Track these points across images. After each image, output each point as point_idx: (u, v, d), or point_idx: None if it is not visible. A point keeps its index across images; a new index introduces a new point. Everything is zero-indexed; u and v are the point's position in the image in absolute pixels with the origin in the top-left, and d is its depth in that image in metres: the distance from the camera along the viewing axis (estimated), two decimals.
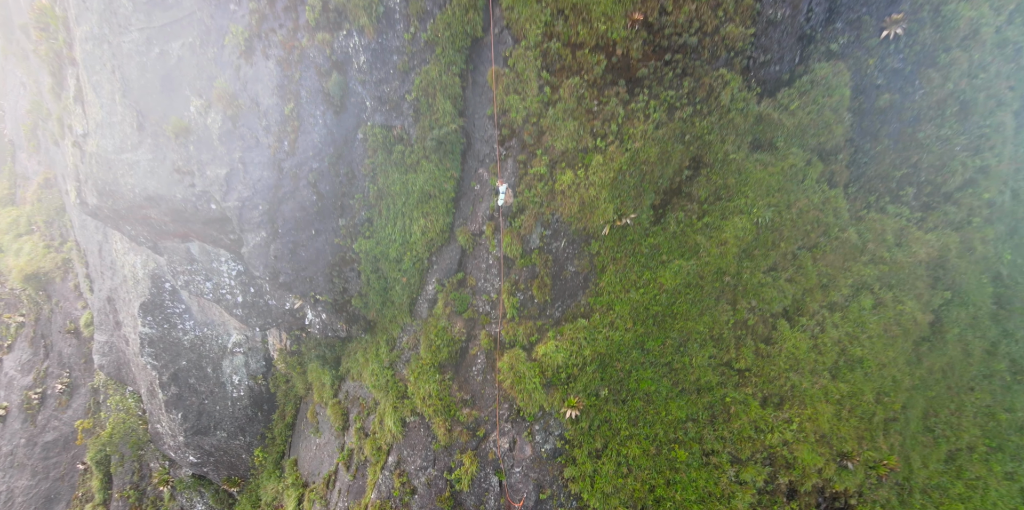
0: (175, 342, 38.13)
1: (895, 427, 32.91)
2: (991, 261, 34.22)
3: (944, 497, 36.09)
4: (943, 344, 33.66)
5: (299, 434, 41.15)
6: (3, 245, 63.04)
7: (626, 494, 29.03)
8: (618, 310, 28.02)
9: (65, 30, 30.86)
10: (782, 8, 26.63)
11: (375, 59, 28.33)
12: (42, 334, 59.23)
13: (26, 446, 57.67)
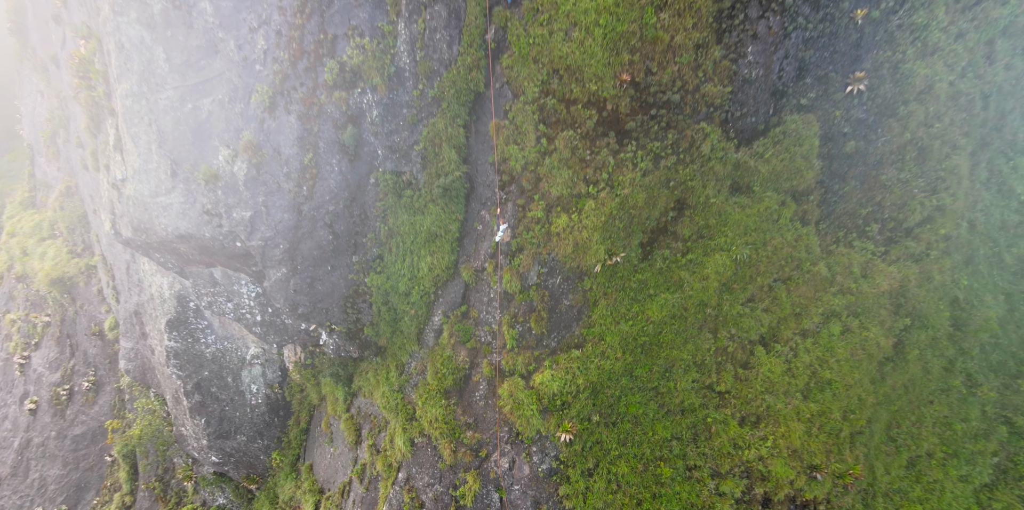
0: (198, 354, 39.56)
1: (860, 439, 34.83)
2: (948, 287, 36.13)
3: (904, 500, 38.10)
4: (905, 363, 35.58)
5: (313, 440, 42.52)
6: (28, 248, 63.81)
7: (615, 508, 30.86)
8: (609, 340, 29.70)
9: (104, 83, 32.17)
10: (756, 68, 28.37)
11: (386, 113, 29.93)
12: (67, 334, 60.06)
13: (56, 438, 58.73)
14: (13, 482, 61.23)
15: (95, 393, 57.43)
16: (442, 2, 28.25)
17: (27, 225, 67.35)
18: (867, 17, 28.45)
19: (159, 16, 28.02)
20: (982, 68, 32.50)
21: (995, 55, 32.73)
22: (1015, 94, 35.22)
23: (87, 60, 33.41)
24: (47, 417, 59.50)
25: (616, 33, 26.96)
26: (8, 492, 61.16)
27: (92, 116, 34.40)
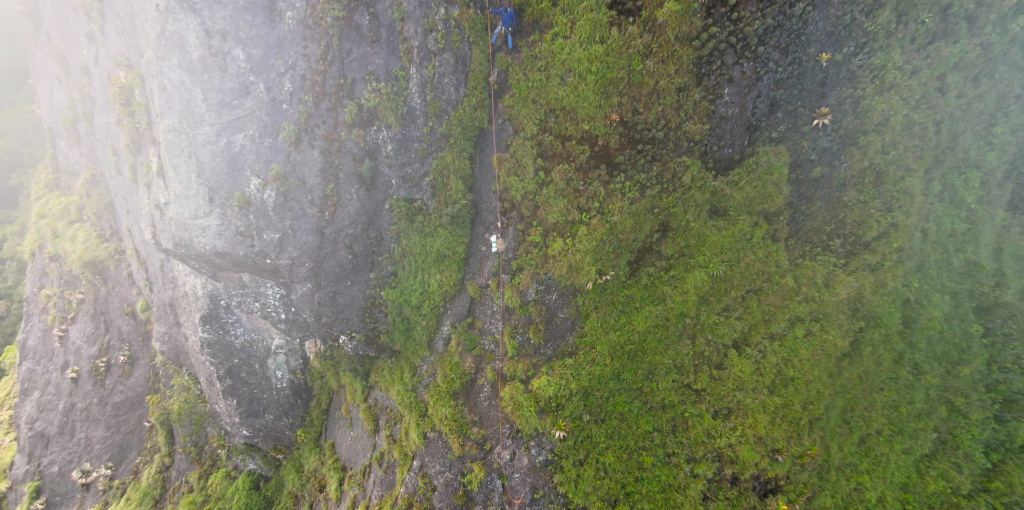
0: (228, 345, 41.60)
1: (818, 425, 37.59)
2: (900, 291, 38.59)
3: (853, 472, 41.19)
4: (859, 358, 38.20)
5: (333, 421, 44.76)
6: (58, 230, 64.83)
7: (603, 492, 33.55)
8: (599, 349, 31.94)
9: (146, 114, 33.50)
10: (732, 107, 30.22)
11: (400, 147, 31.67)
12: (101, 311, 61.55)
13: (98, 405, 60.71)
14: (61, 440, 63.62)
15: (130, 366, 59.27)
16: (450, 50, 29.87)
17: (55, 208, 68.18)
18: (831, 60, 30.16)
19: (197, 62, 29.47)
20: (935, 99, 34.41)
21: (946, 87, 34.60)
22: (967, 118, 37.20)
23: (127, 89, 34.67)
24: (88, 385, 61.45)
25: (606, 79, 28.65)
26: (57, 449, 63.61)
27: (133, 139, 35.76)
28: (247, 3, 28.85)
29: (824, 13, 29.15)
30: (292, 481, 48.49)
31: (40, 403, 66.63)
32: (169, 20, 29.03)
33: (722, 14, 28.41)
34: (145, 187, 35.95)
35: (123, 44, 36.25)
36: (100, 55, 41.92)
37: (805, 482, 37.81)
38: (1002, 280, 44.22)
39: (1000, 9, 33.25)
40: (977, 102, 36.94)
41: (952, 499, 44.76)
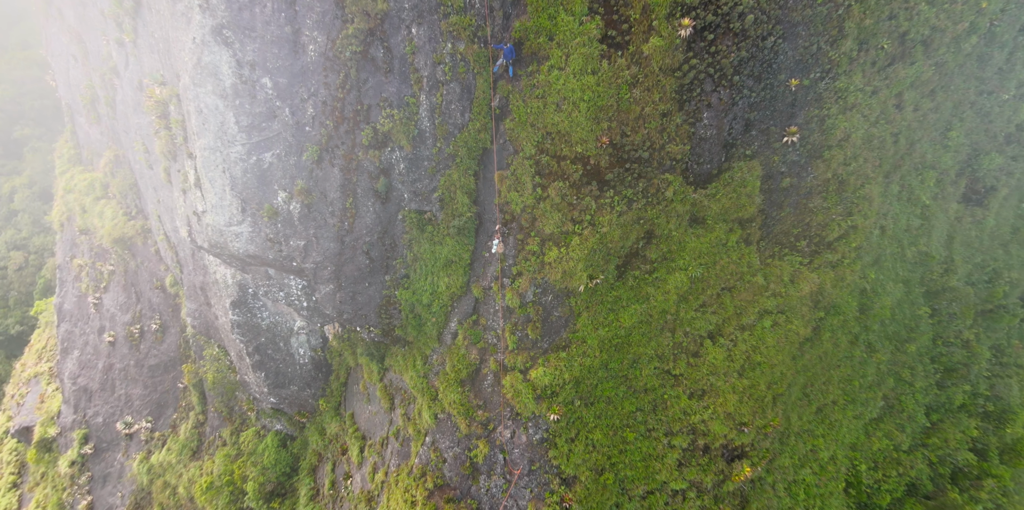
0: (256, 325, 43.52)
1: (780, 400, 40.41)
2: (858, 283, 41.17)
3: (810, 436, 44.45)
4: (819, 342, 40.90)
5: (351, 394, 47.17)
6: (86, 206, 65.71)
7: (591, 463, 36.50)
8: (589, 343, 34.45)
9: (182, 130, 34.93)
10: (710, 129, 32.17)
11: (411, 165, 33.57)
12: (131, 283, 63.04)
13: (135, 366, 62.99)
14: (103, 395, 66.06)
15: (162, 334, 61.17)
16: (456, 80, 31.56)
17: (81, 184, 68.84)
18: (799, 85, 31.84)
19: (230, 89, 31.05)
20: (892, 115, 36.27)
21: (903, 103, 36.44)
22: (923, 127, 39.07)
23: (163, 103, 35.95)
24: (124, 349, 63.53)
25: (597, 106, 30.44)
26: (100, 402, 66.19)
27: (169, 148, 36.99)
28: (274, 38, 30.39)
29: (793, 44, 30.88)
30: (315, 441, 51.64)
31: (80, 361, 68.56)
32: (204, 52, 30.60)
33: (701, 48, 30.15)
34: (181, 192, 37.69)
35: (157, 61, 37.48)
36: (130, 62, 42.88)
37: (767, 447, 41.04)
38: (951, 267, 46.92)
39: (954, 32, 34.94)
40: (933, 113, 38.86)
41: (894, 454, 48.56)
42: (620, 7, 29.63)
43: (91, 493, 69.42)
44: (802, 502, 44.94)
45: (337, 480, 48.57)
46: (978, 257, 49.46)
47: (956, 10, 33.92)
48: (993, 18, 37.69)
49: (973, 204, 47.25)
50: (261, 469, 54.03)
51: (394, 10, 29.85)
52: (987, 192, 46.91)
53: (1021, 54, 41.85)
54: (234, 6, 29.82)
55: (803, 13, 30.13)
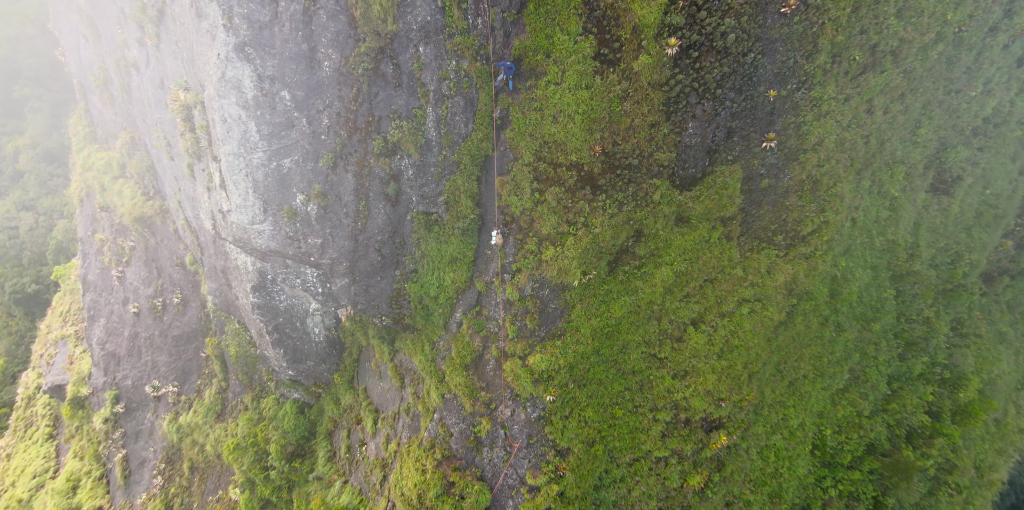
0: (274, 307, 44.81)
1: (756, 377, 42.44)
2: (829, 271, 43.05)
3: (781, 407, 46.78)
4: (792, 325, 42.97)
5: (364, 370, 49.04)
6: (105, 184, 66.11)
7: (583, 436, 38.86)
8: (583, 332, 36.46)
9: (207, 134, 36.01)
10: (695, 138, 33.66)
11: (419, 172, 35.11)
12: (152, 258, 63.82)
13: (160, 336, 64.45)
14: (130, 360, 67.72)
15: (184, 307, 62.47)
16: (460, 94, 32.90)
17: (98, 162, 69.03)
18: (777, 95, 32.99)
19: (251, 100, 32.29)
20: (863, 119, 37.64)
21: (874, 108, 37.77)
22: (893, 128, 40.42)
23: (187, 107, 36.89)
24: (149, 320, 64.83)
25: (591, 118, 31.83)
26: (128, 367, 67.91)
27: (193, 149, 38.06)
28: (292, 54, 31.63)
29: (771, 59, 32.16)
30: (331, 410, 54.03)
31: (107, 329, 69.92)
32: (228, 67, 31.87)
33: (687, 64, 31.45)
34: (206, 189, 39.13)
35: (180, 67, 38.42)
36: (151, 62, 43.56)
37: (743, 418, 43.46)
38: (915, 252, 48.83)
39: (921, 42, 36.09)
40: (902, 114, 40.23)
41: (856, 420, 51.28)
42: (612, 27, 30.80)
43: (125, 447, 72.13)
44: (772, 463, 47.77)
45: (352, 446, 51.15)
46: (942, 242, 51.42)
47: (923, 22, 35.06)
48: (961, 24, 38.89)
49: (940, 193, 49.00)
50: (282, 433, 56.56)
51: (403, 31, 31.05)
52: (953, 181, 48.63)
53: (989, 53, 43.01)
54: (255, 25, 30.99)
55: (780, 31, 31.36)
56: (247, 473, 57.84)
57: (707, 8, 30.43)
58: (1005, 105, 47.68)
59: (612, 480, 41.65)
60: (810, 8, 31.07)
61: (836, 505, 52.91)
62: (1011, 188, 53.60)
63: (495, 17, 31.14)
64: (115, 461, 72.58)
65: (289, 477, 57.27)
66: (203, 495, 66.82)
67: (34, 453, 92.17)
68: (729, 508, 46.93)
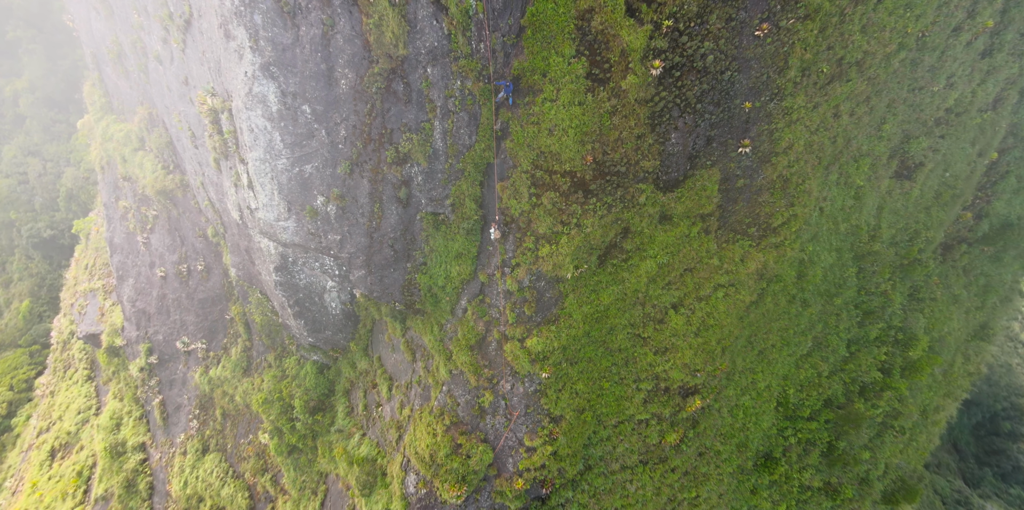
0: (295, 285, 46.66)
1: (728, 349, 45.78)
2: (797, 255, 45.60)
3: (751, 373, 49.77)
4: (762, 304, 45.70)
5: (378, 341, 51.70)
6: (125, 156, 66.62)
7: (574, 405, 42.10)
8: (575, 317, 39.13)
9: (235, 140, 37.46)
10: (677, 146, 35.75)
11: (427, 178, 37.15)
12: (175, 228, 64.90)
13: (187, 299, 66.44)
14: (160, 318, 70.11)
15: (207, 274, 64.12)
16: (465, 110, 34.73)
17: (118, 134, 69.18)
18: (752, 106, 34.98)
19: (276, 113, 34.00)
20: (830, 123, 39.40)
21: (840, 113, 39.49)
22: (859, 127, 42.22)
23: (215, 111, 38.07)
24: (175, 283, 66.57)
25: (583, 131, 33.80)
26: (158, 324, 70.40)
27: (221, 150, 39.36)
28: (312, 73, 33.34)
29: (746, 75, 33.99)
30: (348, 372, 57.04)
31: (136, 288, 71.84)
32: (255, 84, 33.58)
33: (670, 82, 33.31)
34: (233, 185, 40.90)
35: (207, 74, 39.50)
36: (176, 59, 44.15)
37: (715, 385, 46.73)
38: (876, 233, 51.33)
39: (884, 52, 37.93)
40: (867, 115, 42.09)
41: (816, 380, 54.91)
42: (602, 51, 32.55)
43: (161, 393, 75.39)
44: (740, 420, 51.56)
45: (369, 405, 54.57)
46: (902, 222, 53.87)
47: (885, 36, 36.69)
48: (924, 29, 40.54)
49: (903, 178, 51.19)
50: (304, 390, 59.86)
51: (412, 55, 32.76)
52: (916, 167, 50.79)
53: (952, 52, 44.46)
54: (279, 47, 32.62)
55: (755, 51, 33.15)
56: (275, 423, 61.34)
57: (688, 33, 32.16)
58: (967, 96, 49.40)
59: (599, 439, 45.34)
60: (781, 30, 32.76)
61: (795, 450, 57.30)
62: (969, 169, 55.80)
63: (496, 41, 32.75)
64: (153, 405, 75.91)
65: (312, 428, 60.88)
66: (235, 438, 70.25)
67: (76, 392, 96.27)
68: (701, 457, 50.98)
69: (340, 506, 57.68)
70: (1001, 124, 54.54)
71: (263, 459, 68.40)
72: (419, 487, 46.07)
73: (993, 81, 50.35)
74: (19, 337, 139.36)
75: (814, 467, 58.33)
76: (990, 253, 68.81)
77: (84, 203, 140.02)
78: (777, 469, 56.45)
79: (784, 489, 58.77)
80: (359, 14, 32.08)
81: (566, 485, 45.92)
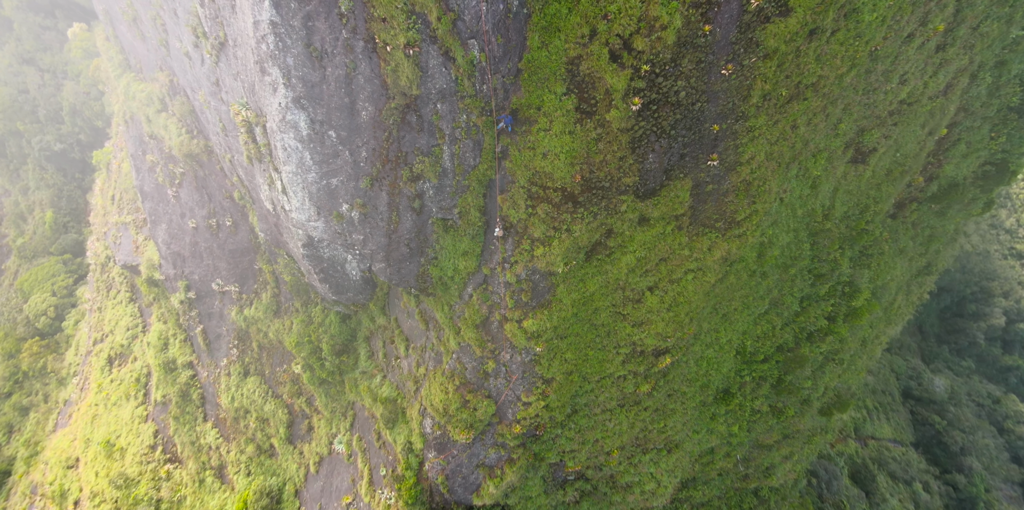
0: (320, 256, 49.55)
1: (695, 318, 51.37)
2: (759, 239, 50.06)
3: (715, 332, 55.70)
4: (726, 280, 50.32)
5: (393, 303, 55.94)
6: (150, 116, 67.88)
7: (564, 369, 47.71)
8: (565, 302, 43.63)
9: (268, 151, 40.53)
10: (654, 164, 39.18)
11: (437, 191, 40.69)
12: (203, 185, 66.80)
13: (218, 248, 69.20)
14: (194, 261, 73.17)
15: (235, 229, 66.91)
16: (470, 138, 37.88)
17: (140, 94, 69.99)
18: (720, 129, 38.72)
19: (306, 137, 36.98)
20: (789, 134, 42.38)
21: (798, 125, 42.54)
22: (815, 132, 45.49)
23: (249, 123, 40.87)
24: (206, 234, 69.01)
25: (572, 156, 37.12)
26: (193, 266, 73.72)
27: (256, 157, 42.27)
28: (337, 106, 36.41)
29: (714, 104, 37.11)
30: (368, 324, 62.36)
31: (170, 233, 74.11)
32: (288, 113, 36.67)
33: (648, 114, 36.39)
34: (267, 185, 44.00)
35: (240, 89, 41.62)
36: (206, 62, 46.45)
37: (683, 345, 52.50)
38: (830, 213, 55.22)
39: (837, 74, 40.78)
40: (823, 122, 45.29)
41: (771, 332, 60.35)
42: (589, 90, 35.58)
43: (201, 323, 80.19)
44: (704, 368, 57.31)
45: (388, 354, 60.05)
46: (854, 200, 57.82)
47: (837, 62, 39.55)
48: (876, 45, 43.08)
49: (856, 162, 54.59)
50: (330, 336, 65.07)
51: (424, 94, 35.81)
52: (869, 153, 53.96)
53: (904, 56, 46.86)
54: (308, 84, 35.60)
55: (721, 85, 36.19)
56: (306, 360, 67.03)
57: (663, 75, 35.17)
58: (919, 87, 51.90)
59: (584, 391, 51.23)
60: (744, 68, 35.71)
61: (749, 385, 63.93)
62: (919, 147, 59.01)
63: (496, 82, 35.70)
64: (196, 332, 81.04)
65: (339, 367, 66.77)
66: (272, 366, 76.16)
67: (121, 311, 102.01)
68: (670, 398, 57.25)
69: (367, 428, 64.38)
70: (950, 108, 57.34)
71: (298, 385, 74.46)
72: (435, 429, 52.36)
73: (944, 72, 52.78)
74: (49, 245, 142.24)
75: (764, 396, 65.16)
76: (936, 209, 72.99)
77: (89, 119, 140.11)
78: (733, 401, 63.25)
79: (738, 414, 65.89)
80: (378, 60, 34.86)
81: (556, 426, 52.26)
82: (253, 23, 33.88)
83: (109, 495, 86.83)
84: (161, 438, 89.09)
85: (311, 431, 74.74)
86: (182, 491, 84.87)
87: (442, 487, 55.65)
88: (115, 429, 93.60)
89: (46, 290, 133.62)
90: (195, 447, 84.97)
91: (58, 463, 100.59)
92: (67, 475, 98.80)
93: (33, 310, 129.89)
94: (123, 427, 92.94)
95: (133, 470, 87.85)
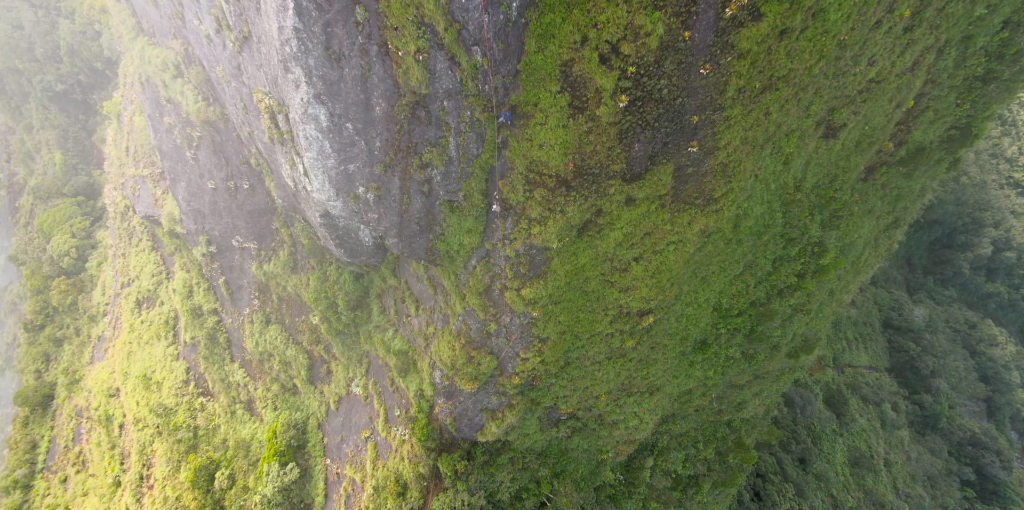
0: (336, 225, 52.13)
1: (676, 282, 55.17)
2: (735, 212, 53.29)
3: (694, 292, 59.61)
4: (704, 249, 54.05)
5: (403, 267, 59.11)
6: (166, 81, 67.75)
7: (558, 330, 51.82)
8: (559, 273, 47.00)
9: (291, 137, 42.81)
10: (640, 152, 42.04)
11: (444, 177, 43.43)
12: (220, 150, 67.29)
13: (236, 209, 70.77)
14: (214, 218, 74.57)
15: (253, 192, 68.24)
16: (473, 131, 40.51)
17: (155, 59, 69.48)
18: (699, 119, 41.48)
19: (325, 128, 39.37)
20: (762, 120, 44.64)
21: (771, 112, 44.90)
22: (787, 116, 48.26)
23: (271, 110, 43.00)
24: (224, 195, 70.34)
25: (566, 147, 39.73)
26: (212, 223, 75.06)
27: (279, 140, 44.55)
28: (353, 101, 38.90)
29: (694, 99, 39.56)
30: (379, 283, 65.91)
31: (189, 191, 74.87)
32: (309, 107, 39.18)
33: (634, 109, 39.05)
34: (289, 166, 46.79)
35: (263, 78, 43.61)
36: (228, 48, 48.04)
37: (665, 306, 56.60)
38: (801, 184, 58.24)
39: (806, 65, 43.03)
40: (795, 106, 47.91)
41: (746, 290, 64.36)
42: (581, 88, 38.05)
43: (223, 275, 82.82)
44: (684, 323, 61.50)
45: (400, 311, 64.07)
46: (824, 170, 60.73)
47: (806, 56, 41.84)
48: (843, 35, 45.17)
49: (828, 138, 57.31)
50: (345, 292, 68.48)
51: (432, 93, 38.30)
52: (839, 128, 56.59)
53: (872, 41, 48.95)
54: (327, 82, 38.04)
55: (700, 82, 38.63)
56: (323, 313, 70.91)
57: (648, 75, 37.60)
58: (887, 67, 54.18)
59: (576, 347, 55.43)
60: (721, 67, 38.11)
61: (724, 336, 68.53)
62: (887, 120, 61.56)
63: (497, 82, 38.15)
64: (219, 283, 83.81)
65: (354, 320, 70.81)
66: (291, 316, 79.75)
67: (145, 258, 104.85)
68: (652, 350, 61.71)
69: (382, 374, 68.94)
70: (916, 83, 59.61)
71: (316, 334, 78.46)
72: (443, 379, 56.83)
73: (911, 52, 54.87)
74: (62, 187, 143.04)
75: (737, 345, 69.87)
76: (904, 171, 75.96)
77: (88, 60, 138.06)
78: (709, 350, 67.97)
79: (713, 361, 70.81)
80: (390, 62, 37.23)
81: (550, 376, 56.75)
82: (278, 28, 36.01)
83: (151, 421, 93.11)
84: (193, 374, 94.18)
85: (330, 374, 79.54)
86: (216, 421, 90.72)
87: (450, 427, 60.76)
88: (150, 365, 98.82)
89: (65, 232, 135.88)
90: (225, 383, 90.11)
91: (100, 392, 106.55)
92: (110, 402, 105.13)
93: (56, 250, 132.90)
94: (157, 363, 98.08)
95: (170, 401, 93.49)
